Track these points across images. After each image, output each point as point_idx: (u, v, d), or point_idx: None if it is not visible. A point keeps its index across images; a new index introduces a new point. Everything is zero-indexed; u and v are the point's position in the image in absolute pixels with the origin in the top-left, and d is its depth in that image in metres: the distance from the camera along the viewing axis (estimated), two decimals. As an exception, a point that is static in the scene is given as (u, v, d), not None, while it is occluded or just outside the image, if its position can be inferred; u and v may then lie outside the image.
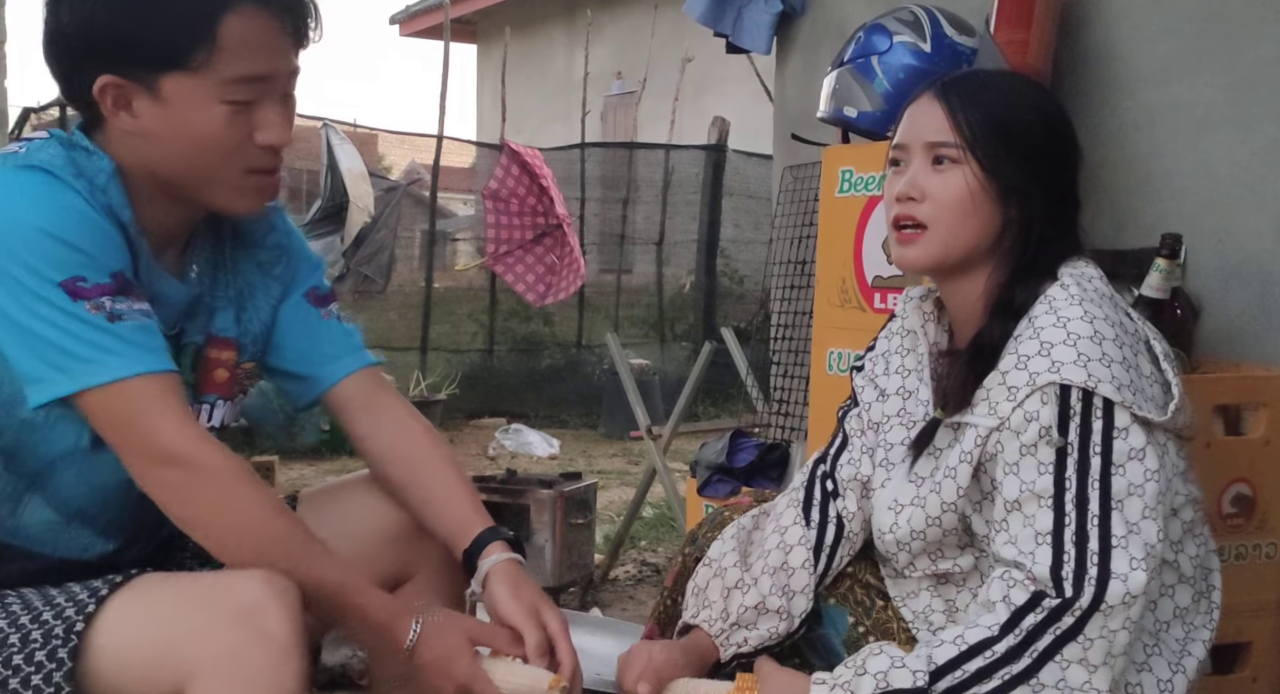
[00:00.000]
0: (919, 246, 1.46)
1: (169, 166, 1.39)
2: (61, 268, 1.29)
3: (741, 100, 8.69)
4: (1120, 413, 1.30)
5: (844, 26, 2.99)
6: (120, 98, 1.36)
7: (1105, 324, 1.34)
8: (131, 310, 1.32)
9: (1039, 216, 1.44)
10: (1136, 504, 1.29)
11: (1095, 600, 1.26)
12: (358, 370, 1.62)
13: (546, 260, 6.90)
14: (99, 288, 1.30)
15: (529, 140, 7.20)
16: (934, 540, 1.47)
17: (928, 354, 1.56)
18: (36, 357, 1.30)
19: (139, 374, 1.31)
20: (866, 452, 1.62)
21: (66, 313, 1.29)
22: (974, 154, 1.43)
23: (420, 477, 1.59)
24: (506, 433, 6.68)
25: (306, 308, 1.62)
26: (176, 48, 1.33)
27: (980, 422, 1.39)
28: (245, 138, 1.39)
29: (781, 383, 2.90)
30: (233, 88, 1.35)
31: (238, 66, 1.35)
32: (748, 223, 8.82)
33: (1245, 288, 2.19)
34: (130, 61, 1.34)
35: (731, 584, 1.59)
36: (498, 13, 12.61)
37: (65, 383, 1.30)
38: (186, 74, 1.34)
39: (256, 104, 1.38)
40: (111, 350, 1.30)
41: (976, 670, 1.29)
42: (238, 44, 1.34)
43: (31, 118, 6.94)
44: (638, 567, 3.88)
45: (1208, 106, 2.27)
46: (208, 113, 1.35)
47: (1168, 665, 1.37)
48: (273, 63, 1.38)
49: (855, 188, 2.48)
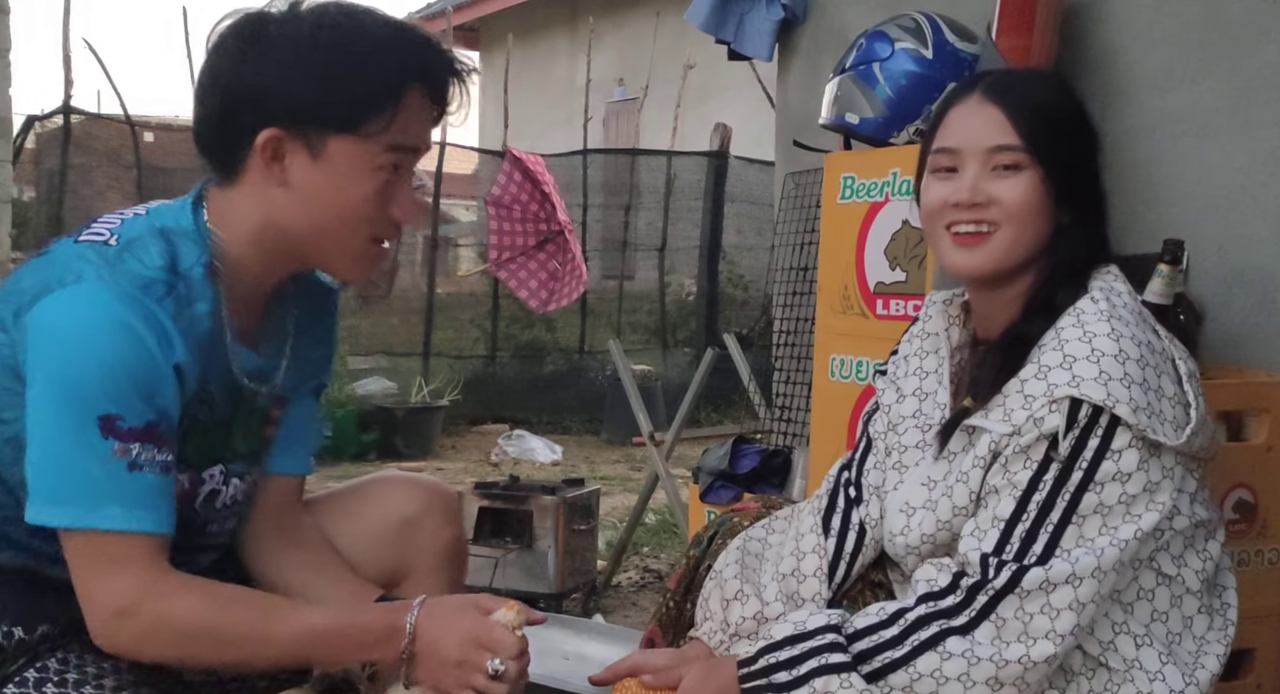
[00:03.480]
0: (983, 252, 1.45)
1: (302, 225, 1.43)
2: (106, 402, 1.30)
3: (743, 107, 8.70)
4: (1121, 434, 1.31)
5: (845, 33, 2.99)
6: (279, 150, 1.40)
7: (1131, 343, 1.34)
8: (153, 461, 1.34)
9: (1091, 217, 1.46)
10: (1096, 522, 1.32)
11: (1010, 583, 1.31)
12: (295, 475, 1.64)
13: (549, 267, 6.89)
14: (133, 431, 1.31)
15: (531, 146, 7.20)
16: (943, 544, 1.47)
17: (949, 357, 1.56)
18: (47, 474, 1.32)
19: (129, 531, 1.33)
20: (887, 453, 1.62)
21: (92, 448, 1.30)
22: (1040, 158, 1.43)
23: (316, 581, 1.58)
24: (509, 439, 6.68)
25: (310, 400, 1.66)
26: (358, 113, 1.38)
27: (995, 428, 1.39)
28: (382, 209, 1.44)
29: (784, 389, 2.90)
30: (395, 154, 1.42)
31: (403, 135, 1.42)
32: (750, 229, 8.82)
33: (1248, 293, 2.19)
34: (305, 119, 1.38)
35: (730, 595, 1.59)
36: (500, 19, 12.63)
37: (56, 515, 1.32)
38: (355, 138, 1.39)
39: (398, 179, 1.44)
40: (116, 499, 1.32)
41: (890, 637, 1.35)
42: (408, 118, 1.41)
43: (35, 125, 6.96)
44: (640, 573, 3.88)
45: (1209, 112, 2.27)
46: (363, 178, 1.41)
47: (1181, 676, 1.37)
48: (424, 139, 1.47)
49: (857, 194, 2.48)
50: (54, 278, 1.34)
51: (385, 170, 1.41)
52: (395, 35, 1.42)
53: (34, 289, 1.34)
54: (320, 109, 1.38)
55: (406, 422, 6.51)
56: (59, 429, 1.30)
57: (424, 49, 1.44)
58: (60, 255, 1.38)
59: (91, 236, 1.39)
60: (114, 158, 7.47)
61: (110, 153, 7.48)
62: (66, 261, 1.35)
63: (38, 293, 1.33)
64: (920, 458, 1.53)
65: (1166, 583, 1.39)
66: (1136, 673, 1.36)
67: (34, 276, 1.36)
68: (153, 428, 1.34)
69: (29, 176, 7.50)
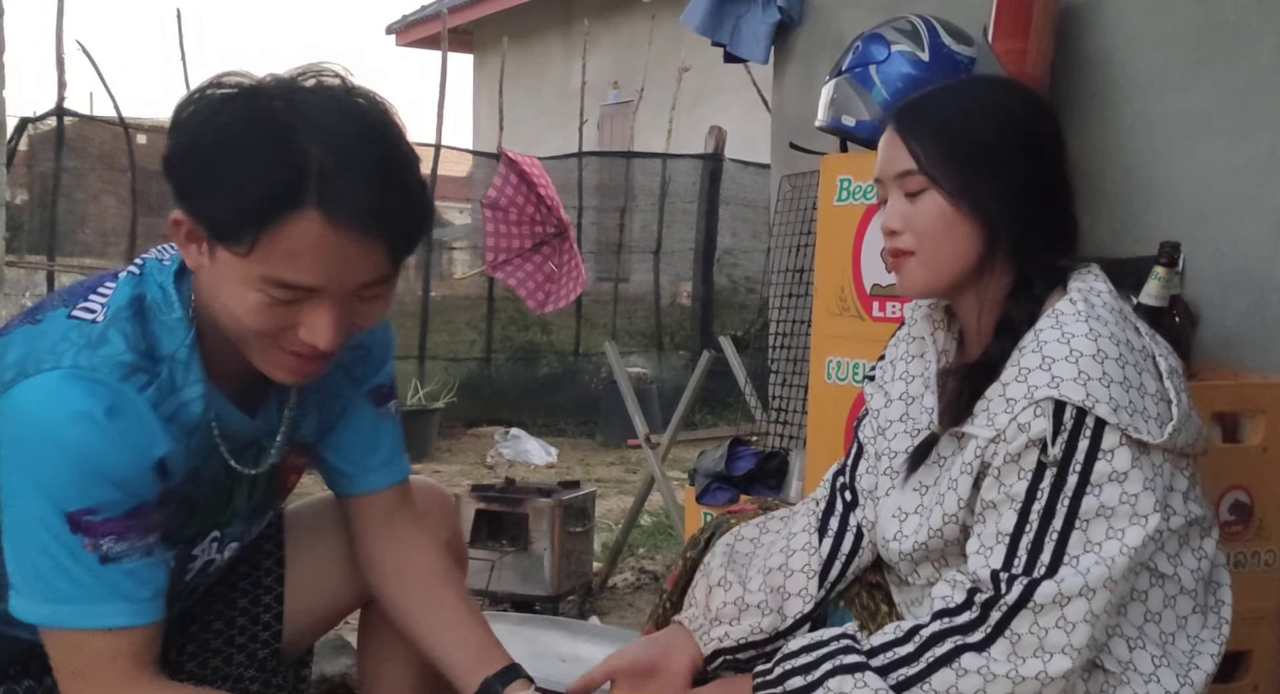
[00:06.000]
0: (906, 274, 1.47)
1: (219, 318, 1.30)
2: (75, 498, 1.24)
3: (738, 110, 8.71)
4: (1110, 434, 1.30)
5: (841, 36, 3.00)
6: (191, 235, 1.26)
7: (1110, 342, 1.34)
8: (130, 550, 1.28)
9: (1020, 227, 1.43)
10: (1102, 525, 1.30)
11: (1023, 598, 1.29)
12: (389, 487, 1.58)
13: (545, 269, 6.89)
14: (107, 523, 1.26)
15: (525, 149, 7.20)
16: (936, 550, 1.47)
17: (935, 361, 1.56)
18: (20, 570, 1.28)
19: (105, 628, 1.28)
20: (877, 458, 1.62)
21: (62, 544, 1.25)
22: (935, 180, 1.42)
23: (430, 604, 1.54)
24: (504, 441, 6.68)
25: (366, 406, 1.56)
26: (227, 224, 1.21)
27: (980, 433, 1.39)
28: (285, 327, 1.26)
29: (780, 391, 2.90)
30: (274, 287, 1.22)
31: (282, 269, 1.20)
32: (745, 232, 8.84)
33: (1243, 296, 2.19)
34: (195, 212, 1.24)
35: (714, 582, 1.60)
36: (494, 23, 12.63)
37: (34, 612, 1.28)
38: (233, 251, 1.21)
39: (304, 304, 1.24)
40: (91, 595, 1.27)
41: (906, 654, 1.34)
42: (290, 249, 1.19)
43: (28, 128, 6.95)
44: (636, 574, 3.88)
45: (1205, 114, 2.28)
46: (244, 295, 1.23)
47: (1175, 677, 1.36)
48: (324, 276, 1.22)
49: (854, 196, 2.49)
50: (34, 360, 1.26)
51: (272, 296, 1.22)
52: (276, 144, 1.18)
53: (16, 365, 1.27)
54: (202, 206, 1.23)
55: (402, 424, 6.47)
56: (30, 523, 1.25)
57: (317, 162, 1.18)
58: (48, 333, 1.29)
59: (82, 312, 1.31)
60: (108, 161, 7.46)
61: (104, 156, 7.46)
62: (52, 343, 1.28)
63: (16, 374, 1.26)
64: (905, 465, 1.54)
65: (1160, 583, 1.39)
66: (1131, 675, 1.35)
67: (20, 349, 1.29)
68: (134, 514, 1.28)
69: (21, 179, 7.48)
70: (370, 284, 1.26)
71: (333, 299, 1.24)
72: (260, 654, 1.62)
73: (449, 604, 1.54)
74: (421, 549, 1.58)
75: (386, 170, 1.22)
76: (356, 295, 1.26)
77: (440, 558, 1.59)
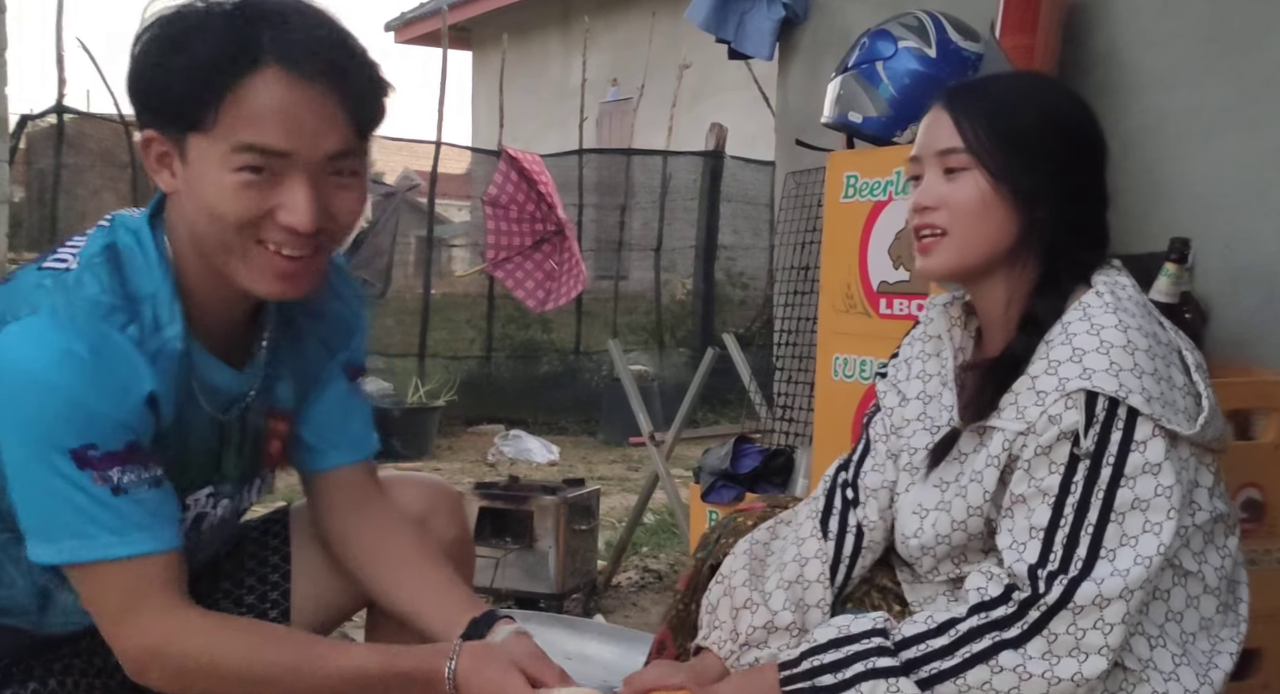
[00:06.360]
0: (936, 254, 1.46)
1: (197, 237, 1.32)
2: (75, 434, 1.25)
3: (739, 107, 8.70)
4: (1142, 425, 1.30)
5: (846, 32, 2.99)
6: (162, 156, 1.30)
7: (1139, 334, 1.34)
8: (139, 481, 1.29)
9: (1055, 220, 1.43)
10: (1138, 518, 1.29)
11: (1063, 599, 1.28)
12: (358, 462, 1.59)
13: (545, 266, 6.88)
14: (109, 456, 1.27)
15: (524, 147, 7.19)
16: (959, 545, 1.46)
17: (952, 359, 1.55)
18: (34, 516, 1.29)
19: (126, 556, 1.29)
20: (890, 457, 1.61)
21: (70, 481, 1.26)
22: (980, 159, 1.42)
23: (406, 572, 1.55)
24: (506, 439, 6.68)
25: (340, 379, 1.58)
26: (192, 104, 1.23)
27: (1008, 426, 1.38)
28: (263, 214, 1.27)
29: (785, 389, 2.90)
30: (244, 155, 1.24)
31: (251, 132, 1.24)
32: (746, 229, 8.84)
33: (1253, 292, 2.19)
34: (163, 119, 1.28)
35: (740, 604, 1.58)
36: (493, 20, 12.61)
37: (53, 553, 1.29)
38: (204, 135, 1.25)
39: (280, 179, 1.26)
40: (106, 526, 1.28)
41: (940, 647, 1.33)
42: (255, 108, 1.23)
43: (28, 125, 6.93)
44: (640, 573, 3.87)
45: (1214, 111, 2.27)
46: (222, 179, 1.25)
47: (1195, 677, 1.36)
48: (298, 138, 1.25)
49: (860, 193, 2.48)
50: (10, 310, 1.27)
51: (246, 171, 1.25)
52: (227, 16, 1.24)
53: None
54: (168, 103, 1.26)
55: (403, 422, 6.50)
56: (34, 468, 1.26)
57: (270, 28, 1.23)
58: (21, 284, 1.31)
59: (54, 264, 1.31)
60: (108, 158, 7.45)
61: (104, 153, 7.45)
62: (25, 293, 1.28)
63: None
64: (925, 462, 1.53)
65: (1183, 581, 1.38)
66: (1151, 673, 1.35)
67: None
68: (133, 447, 1.28)
69: (19, 177, 7.47)
70: (337, 156, 1.29)
71: (305, 172, 1.27)
72: None
73: (426, 572, 1.54)
74: (391, 521, 1.58)
75: (338, 36, 1.28)
76: (327, 174, 1.29)
77: (411, 528, 1.58)
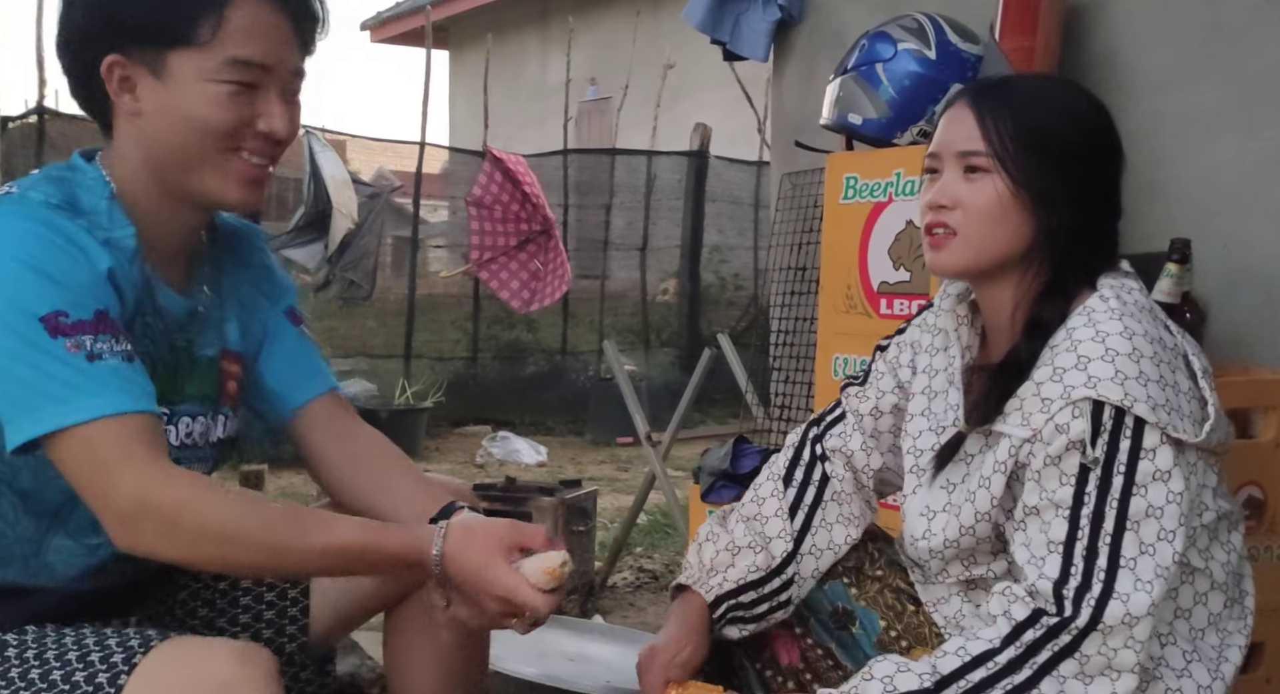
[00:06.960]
0: (948, 252, 1.47)
1: (166, 152, 1.40)
2: (43, 302, 1.27)
3: (720, 107, 8.72)
4: (1150, 433, 1.30)
5: (842, 34, 3.00)
6: (126, 79, 1.38)
7: (1144, 341, 1.34)
8: (112, 351, 1.30)
9: (1070, 226, 1.43)
10: (1153, 526, 1.30)
11: (1093, 620, 1.28)
12: (326, 392, 1.63)
13: (530, 267, 6.89)
14: (80, 324, 1.28)
15: (503, 146, 7.17)
16: (967, 548, 1.47)
17: (959, 357, 1.56)
18: (12, 395, 1.27)
19: (108, 415, 1.27)
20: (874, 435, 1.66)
21: (43, 350, 1.26)
22: (1003, 163, 1.42)
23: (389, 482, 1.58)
24: (494, 441, 6.67)
25: (287, 325, 1.64)
26: (185, 22, 1.35)
27: (1014, 432, 1.39)
28: (245, 122, 1.40)
29: (783, 389, 2.91)
30: (235, 68, 1.37)
31: (241, 48, 1.37)
32: (731, 228, 8.85)
33: (1251, 292, 2.21)
34: (139, 38, 1.36)
35: (703, 540, 1.67)
36: (471, 19, 12.58)
37: (33, 425, 1.27)
38: (192, 50, 1.36)
39: (258, 92, 1.40)
40: (84, 390, 1.27)
41: (980, 680, 1.31)
42: (243, 27, 1.37)
43: (9, 127, 6.87)
44: (635, 573, 3.88)
45: (1213, 112, 2.29)
46: (210, 91, 1.37)
47: (1207, 672, 1.37)
48: (276, 54, 1.41)
49: (860, 195, 2.49)
50: None
51: (233, 85, 1.38)
52: None
53: None
54: (149, 25, 1.36)
55: (390, 424, 6.47)
56: (7, 341, 1.26)
57: None
58: None
59: None
60: (89, 159, 7.39)
61: (85, 154, 7.39)
62: None
63: None
64: (930, 465, 1.54)
65: (1191, 579, 1.39)
66: (1164, 670, 1.36)
67: None
68: (102, 317, 1.30)
69: (-1, 178, 7.42)
70: (293, 75, 1.44)
71: (277, 87, 1.42)
72: (288, 648, 1.63)
73: (405, 487, 1.56)
74: (368, 442, 1.61)
75: None
76: (284, 91, 1.43)
77: (387, 446, 1.62)
